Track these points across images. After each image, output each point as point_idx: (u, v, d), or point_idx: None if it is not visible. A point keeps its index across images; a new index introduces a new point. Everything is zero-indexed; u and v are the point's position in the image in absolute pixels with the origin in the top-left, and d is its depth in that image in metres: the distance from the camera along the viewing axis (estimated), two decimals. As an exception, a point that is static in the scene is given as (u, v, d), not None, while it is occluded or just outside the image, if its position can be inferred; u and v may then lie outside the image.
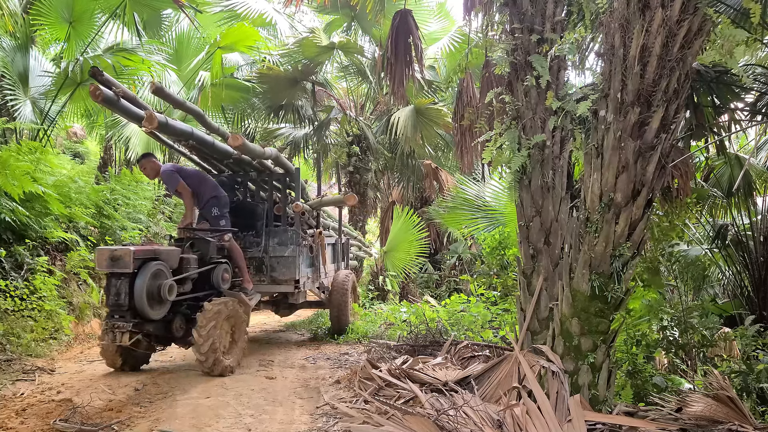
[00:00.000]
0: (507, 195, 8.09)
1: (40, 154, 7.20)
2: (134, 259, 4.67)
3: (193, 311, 5.26)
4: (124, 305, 4.71)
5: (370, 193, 12.35)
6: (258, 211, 6.77)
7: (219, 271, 5.66)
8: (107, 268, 4.71)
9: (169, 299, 4.92)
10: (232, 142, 5.50)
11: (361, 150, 11.59)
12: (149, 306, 4.77)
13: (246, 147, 5.72)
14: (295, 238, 6.45)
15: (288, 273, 6.44)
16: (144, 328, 4.91)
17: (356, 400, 4.39)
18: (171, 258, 5.13)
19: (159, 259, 4.95)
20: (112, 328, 4.70)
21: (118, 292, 4.72)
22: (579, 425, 3.46)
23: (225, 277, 5.73)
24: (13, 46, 8.44)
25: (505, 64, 4.67)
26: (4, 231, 6.51)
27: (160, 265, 4.90)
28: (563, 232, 4.31)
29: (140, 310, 4.75)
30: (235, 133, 5.44)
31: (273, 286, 6.53)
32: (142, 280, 4.70)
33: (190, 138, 5.60)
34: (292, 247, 6.43)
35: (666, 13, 3.48)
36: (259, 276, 6.47)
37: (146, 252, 4.90)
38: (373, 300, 10.87)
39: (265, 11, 10.31)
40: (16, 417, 3.96)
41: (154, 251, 4.99)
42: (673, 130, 3.70)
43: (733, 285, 6.58)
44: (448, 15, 12.21)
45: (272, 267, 6.48)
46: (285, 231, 6.56)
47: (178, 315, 5.27)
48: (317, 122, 11.64)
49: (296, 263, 6.42)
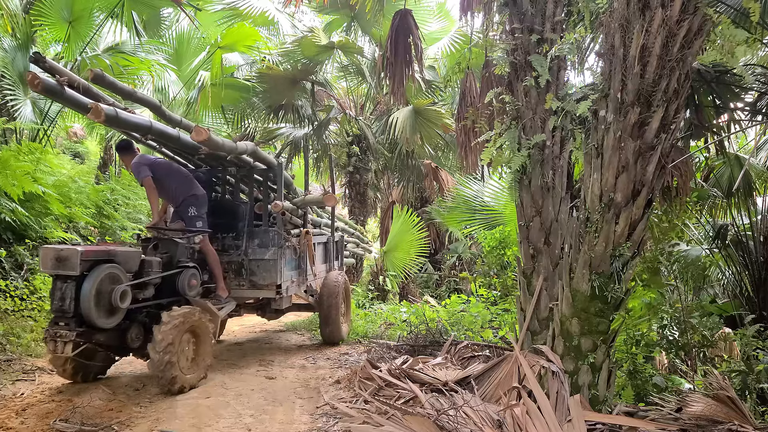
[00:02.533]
0: (507, 195, 8.10)
1: (40, 154, 7.21)
2: (82, 261, 4.20)
3: (153, 320, 4.77)
4: (69, 312, 4.21)
5: (370, 193, 12.35)
6: (239, 210, 6.32)
7: (185, 277, 5.14)
8: (52, 269, 4.23)
9: (121, 306, 4.39)
10: (195, 136, 4.96)
11: (361, 150, 11.59)
12: (98, 313, 4.26)
13: (212, 141, 5.19)
14: (277, 240, 6.00)
15: (269, 277, 5.96)
16: (92, 337, 4.40)
17: (356, 400, 4.39)
18: (129, 260, 4.63)
19: (114, 261, 4.47)
20: (54, 337, 4.21)
21: (63, 297, 4.23)
22: (579, 425, 3.46)
23: (192, 284, 5.21)
24: (13, 46, 8.43)
25: (505, 64, 4.67)
26: (4, 231, 6.51)
27: (113, 268, 4.41)
28: (563, 232, 4.31)
29: (87, 318, 4.23)
30: (199, 126, 4.98)
31: (253, 291, 6.05)
32: (90, 284, 4.21)
33: (149, 132, 5.07)
34: (273, 249, 5.97)
35: (666, 13, 3.49)
36: (238, 280, 6.04)
37: (98, 253, 4.40)
38: (373, 300, 10.87)
39: (267, 9, 10.30)
40: (16, 417, 3.96)
41: (108, 252, 4.49)
42: (673, 130, 3.70)
43: (733, 285, 6.57)
44: (447, 15, 12.19)
45: (252, 271, 6.00)
46: (266, 232, 6.07)
47: (135, 323, 4.76)
48: (317, 122, 11.65)
49: (278, 267, 5.96)
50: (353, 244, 10.24)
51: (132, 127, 5.08)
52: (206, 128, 4.99)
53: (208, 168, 6.64)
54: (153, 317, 4.79)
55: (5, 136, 8.73)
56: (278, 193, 6.30)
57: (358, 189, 11.85)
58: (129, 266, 4.62)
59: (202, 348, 4.94)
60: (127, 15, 8.84)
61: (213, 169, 6.66)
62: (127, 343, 4.69)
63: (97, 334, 4.43)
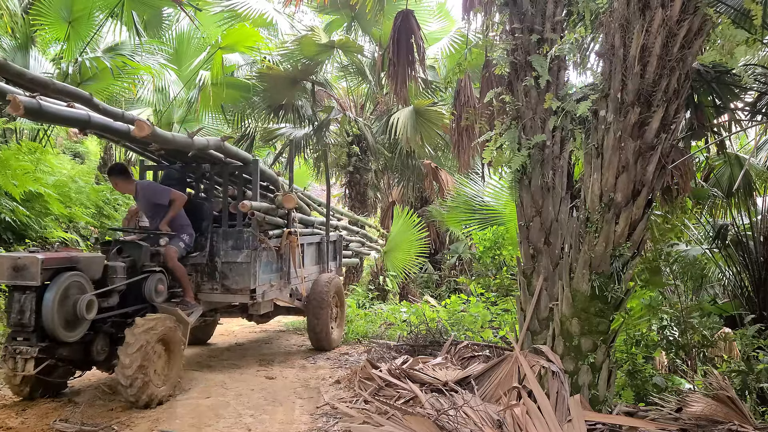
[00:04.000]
0: (507, 195, 8.09)
1: (40, 154, 7.22)
2: (43, 269, 3.85)
3: (118, 329, 4.39)
4: (30, 326, 3.86)
5: (370, 193, 12.35)
6: (203, 209, 5.82)
7: (152, 282, 4.74)
8: (9, 279, 3.88)
9: (87, 318, 4.04)
10: (137, 131, 4.48)
11: (361, 150, 11.59)
12: (62, 326, 3.91)
13: (158, 137, 4.70)
14: (252, 241, 5.56)
15: (242, 281, 5.53)
16: (55, 352, 4.05)
17: (356, 400, 4.39)
18: (92, 267, 4.29)
19: (76, 268, 4.12)
20: (13, 354, 3.85)
21: (22, 310, 3.86)
22: (579, 425, 3.46)
23: (159, 289, 4.81)
24: (13, 46, 8.45)
25: (505, 64, 4.67)
26: (4, 231, 6.51)
27: (77, 276, 4.06)
28: (563, 232, 4.31)
29: (50, 332, 3.88)
30: (141, 120, 4.52)
31: (226, 296, 5.61)
32: (52, 294, 3.85)
33: (87, 126, 4.52)
34: (246, 252, 5.54)
35: (666, 13, 3.49)
36: (211, 284, 5.61)
37: (60, 260, 4.05)
38: (373, 300, 10.87)
39: (265, 11, 10.31)
40: (16, 417, 3.96)
41: (70, 259, 4.15)
42: (673, 130, 3.71)
43: (733, 285, 6.57)
44: (448, 15, 12.20)
45: (224, 274, 5.58)
46: (240, 233, 5.61)
47: (100, 334, 4.37)
48: (317, 122, 11.65)
49: (251, 270, 5.53)
50: (357, 243, 9.78)
51: (64, 121, 4.56)
52: (149, 122, 4.53)
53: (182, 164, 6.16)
54: (119, 326, 4.43)
55: (5, 136, 8.74)
56: (254, 192, 5.85)
57: (358, 189, 11.85)
58: (92, 273, 4.28)
59: (173, 358, 4.57)
60: (127, 15, 8.85)
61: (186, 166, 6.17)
62: (92, 356, 4.35)
63: (61, 348, 4.07)
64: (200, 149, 5.31)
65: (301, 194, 7.25)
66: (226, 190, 6.08)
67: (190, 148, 5.21)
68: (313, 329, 6.59)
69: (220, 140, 5.51)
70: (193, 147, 5.21)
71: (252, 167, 5.88)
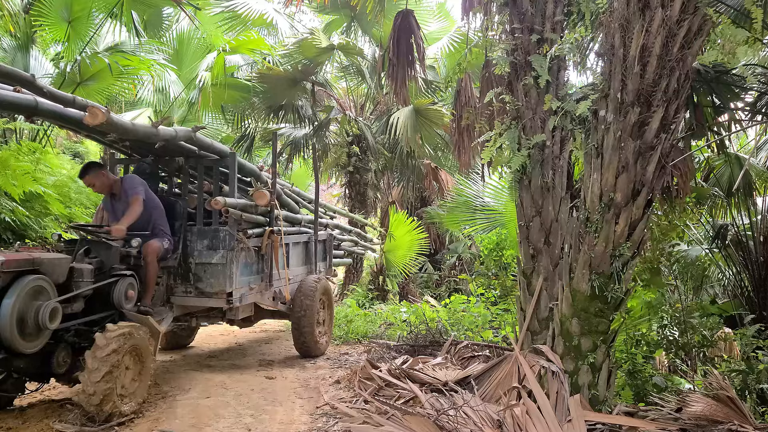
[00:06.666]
0: (507, 195, 8.10)
1: (40, 154, 7.21)
2: (2, 273, 3.45)
3: (83, 338, 4.02)
4: None
5: (370, 193, 12.35)
6: (176, 207, 5.41)
7: (122, 287, 4.29)
8: None
9: (49, 327, 3.64)
10: (89, 119, 4.02)
11: (361, 150, 11.59)
12: (21, 336, 3.51)
13: (115, 125, 4.23)
14: (229, 241, 5.16)
15: (217, 284, 5.12)
16: (12, 364, 3.67)
17: (356, 400, 4.40)
18: (56, 269, 3.85)
19: (39, 271, 3.71)
20: None
21: None
22: (579, 425, 3.46)
23: (130, 295, 4.37)
24: (13, 46, 8.45)
25: (505, 64, 4.67)
26: (4, 231, 6.51)
27: (39, 281, 3.65)
28: (563, 232, 4.31)
29: (6, 342, 3.47)
30: (94, 107, 4.09)
31: (200, 300, 5.20)
32: (11, 300, 3.45)
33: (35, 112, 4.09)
34: (222, 252, 5.14)
35: (666, 13, 3.49)
36: (184, 286, 5.22)
37: (21, 262, 3.62)
38: (373, 300, 10.87)
39: (265, 11, 10.31)
40: (16, 417, 3.97)
41: (33, 261, 3.71)
42: (673, 130, 3.71)
43: (733, 285, 6.58)
44: (448, 15, 12.21)
45: (198, 276, 5.18)
46: (215, 232, 5.20)
47: (62, 344, 3.94)
48: (317, 122, 11.66)
49: (227, 272, 5.13)
50: (350, 242, 9.45)
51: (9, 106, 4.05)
52: (105, 109, 4.10)
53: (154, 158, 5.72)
54: (83, 335, 4.04)
55: (5, 136, 8.73)
56: (231, 188, 5.46)
57: (358, 189, 11.85)
58: (56, 277, 3.84)
59: (143, 371, 4.19)
60: (127, 15, 8.84)
61: (159, 159, 5.74)
62: (52, 367, 3.92)
63: (18, 360, 3.68)
64: (167, 140, 4.87)
65: (289, 190, 6.91)
66: (201, 186, 5.59)
67: (155, 138, 4.76)
68: (298, 335, 6.12)
69: (191, 130, 5.12)
70: (158, 137, 4.75)
71: (229, 160, 5.49)
